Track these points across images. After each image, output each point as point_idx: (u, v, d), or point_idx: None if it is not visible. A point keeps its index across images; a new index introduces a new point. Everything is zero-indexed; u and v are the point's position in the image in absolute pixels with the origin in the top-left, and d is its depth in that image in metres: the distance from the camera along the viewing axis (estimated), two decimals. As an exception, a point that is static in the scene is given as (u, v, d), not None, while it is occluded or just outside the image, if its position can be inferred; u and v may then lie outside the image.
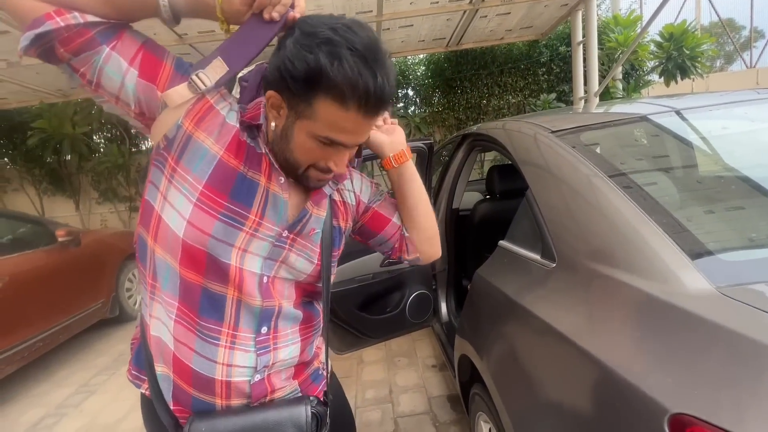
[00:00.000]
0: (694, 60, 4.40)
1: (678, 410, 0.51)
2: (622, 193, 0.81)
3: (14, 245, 2.91)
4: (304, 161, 0.65)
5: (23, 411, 2.52)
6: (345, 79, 0.55)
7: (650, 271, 0.67)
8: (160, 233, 0.65)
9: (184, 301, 0.67)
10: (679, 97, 1.53)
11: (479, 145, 1.92)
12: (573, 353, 0.71)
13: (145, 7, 0.61)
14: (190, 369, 0.67)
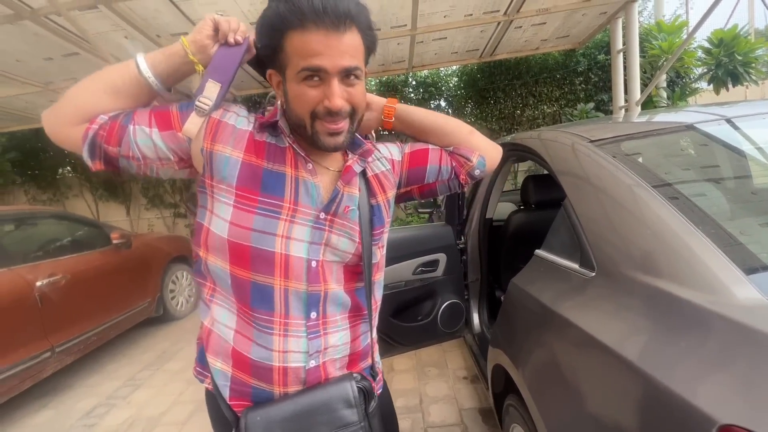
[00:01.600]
0: (747, 66, 4.15)
1: (727, 421, 0.50)
2: (668, 204, 0.80)
3: (75, 246, 3.18)
4: (304, 112, 0.68)
5: (78, 399, 2.72)
6: (291, 6, 0.62)
7: (699, 281, 0.66)
8: (209, 243, 0.73)
9: (239, 297, 0.73)
10: (727, 105, 1.47)
11: (514, 154, 1.91)
12: (615, 363, 0.70)
13: (142, 89, 0.72)
14: (249, 360, 0.73)
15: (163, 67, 0.71)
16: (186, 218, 6.60)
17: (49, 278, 2.69)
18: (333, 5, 0.61)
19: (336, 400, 0.72)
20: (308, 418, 0.70)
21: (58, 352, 2.69)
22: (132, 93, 0.71)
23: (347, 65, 0.65)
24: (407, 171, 0.87)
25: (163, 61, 0.72)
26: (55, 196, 6.61)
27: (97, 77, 0.71)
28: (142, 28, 3.47)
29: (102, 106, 0.70)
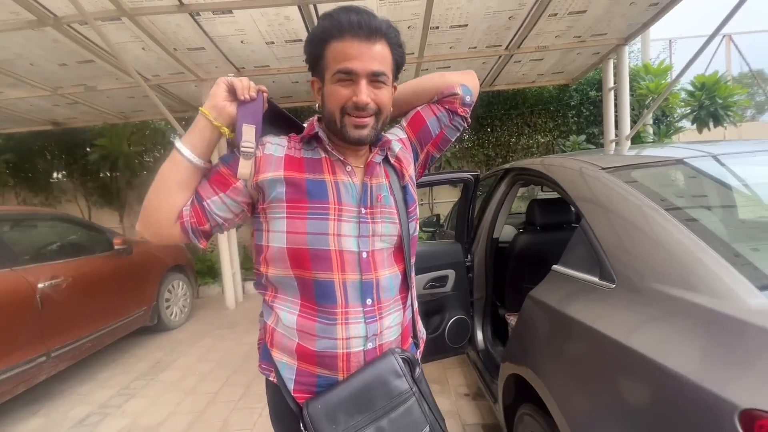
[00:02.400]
0: (727, 109, 4.48)
1: (748, 406, 0.59)
2: (677, 223, 0.92)
3: (78, 249, 3.16)
4: (334, 108, 0.79)
5: (70, 407, 2.64)
6: (334, 22, 0.76)
7: (709, 289, 0.76)
8: (269, 257, 0.82)
9: (303, 296, 0.82)
10: (712, 143, 1.63)
11: (522, 179, 2.03)
12: (640, 363, 0.79)
13: (195, 173, 0.81)
14: (314, 353, 0.80)
15: (199, 145, 0.79)
16: (181, 228, 6.54)
17: (51, 280, 2.67)
18: (367, 21, 0.75)
19: (386, 374, 0.79)
20: (365, 395, 0.77)
21: (54, 357, 2.64)
22: (191, 180, 0.81)
23: (375, 69, 0.76)
24: (416, 137, 0.97)
25: (198, 140, 0.79)
26: (47, 200, 6.50)
27: (162, 184, 0.80)
28: (161, 41, 3.58)
29: (179, 203, 0.80)
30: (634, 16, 3.86)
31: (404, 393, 0.79)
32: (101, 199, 6.49)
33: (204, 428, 2.29)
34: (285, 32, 3.63)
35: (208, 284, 5.60)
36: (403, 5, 3.33)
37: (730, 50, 6.75)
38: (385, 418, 0.77)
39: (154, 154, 6.36)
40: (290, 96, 5.49)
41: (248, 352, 3.38)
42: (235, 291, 4.93)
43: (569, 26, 3.94)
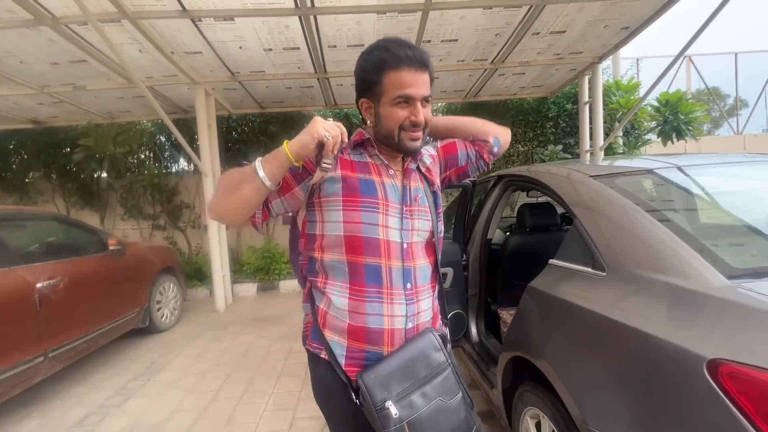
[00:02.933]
0: (688, 124, 4.92)
1: (712, 356, 0.78)
2: (655, 221, 1.12)
3: (73, 249, 3.14)
4: (393, 126, 0.94)
5: (66, 408, 2.63)
6: (392, 55, 0.91)
7: (682, 273, 0.96)
8: (324, 245, 0.96)
9: (354, 279, 0.95)
10: (677, 156, 1.88)
11: (514, 184, 2.24)
12: (628, 333, 0.98)
13: (266, 194, 0.91)
14: (365, 329, 0.93)
15: (278, 174, 0.89)
16: (165, 230, 6.45)
17: (49, 280, 2.66)
18: (419, 55, 0.92)
19: (427, 348, 0.95)
20: (411, 366, 0.91)
21: (51, 357, 2.62)
22: (265, 197, 0.93)
23: (426, 94, 0.94)
24: (444, 159, 1.16)
25: (278, 171, 0.89)
26: (22, 200, 6.27)
27: (240, 200, 0.90)
28: (158, 44, 3.62)
29: (253, 212, 0.94)
30: (608, 37, 4.21)
31: (442, 364, 0.94)
32: (81, 200, 6.32)
33: (210, 424, 2.35)
34: (284, 40, 3.75)
35: (196, 287, 5.56)
36: (399, 19, 3.53)
37: (690, 70, 7.35)
38: (427, 385, 0.91)
39: (139, 155, 6.26)
40: (282, 101, 5.58)
41: (245, 352, 3.43)
42: (225, 293, 4.93)
43: (550, 44, 4.25)
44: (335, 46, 3.94)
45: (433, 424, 0.89)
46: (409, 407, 0.88)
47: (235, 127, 6.28)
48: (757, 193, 1.50)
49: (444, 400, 0.91)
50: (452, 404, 0.92)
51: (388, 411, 0.85)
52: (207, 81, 4.58)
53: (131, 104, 5.24)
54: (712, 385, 0.77)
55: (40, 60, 3.78)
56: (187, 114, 5.65)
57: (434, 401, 0.90)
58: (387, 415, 0.85)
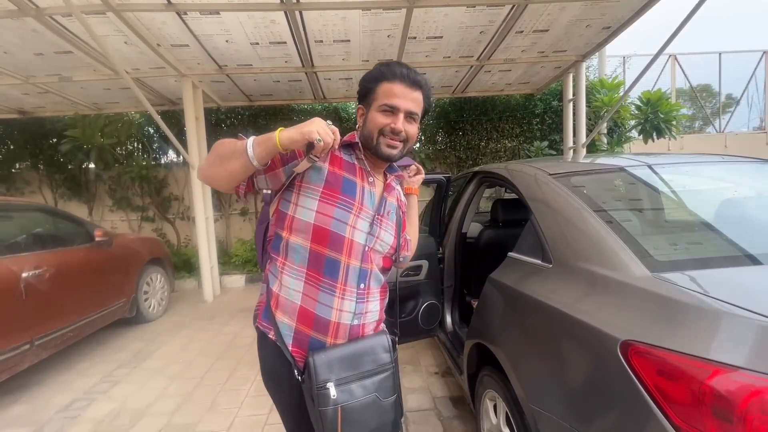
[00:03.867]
0: (668, 123, 5.04)
1: (625, 338, 0.88)
2: (597, 218, 1.21)
3: (59, 240, 3.18)
4: (374, 129, 1.03)
5: (52, 394, 2.70)
6: (389, 70, 1.03)
7: (613, 265, 1.06)
8: (294, 226, 1.02)
9: (312, 267, 1.02)
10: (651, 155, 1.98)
11: (488, 181, 2.33)
12: (562, 319, 1.07)
13: (252, 171, 0.97)
14: (313, 315, 1.01)
15: (265, 157, 0.94)
16: (154, 222, 6.47)
17: (34, 270, 2.71)
18: (414, 76, 1.04)
19: (377, 347, 1.04)
20: (358, 358, 1.00)
21: (37, 345, 2.68)
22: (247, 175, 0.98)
23: (410, 109, 1.03)
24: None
25: (266, 155, 0.94)
26: (9, 191, 6.24)
27: (229, 172, 0.96)
28: (144, 36, 3.63)
29: (238, 183, 1.01)
30: (590, 36, 4.29)
31: (386, 365, 1.03)
32: (69, 191, 6.31)
33: (193, 408, 2.44)
34: (270, 34, 3.77)
35: (184, 278, 5.62)
36: (384, 16, 3.57)
37: (675, 69, 7.47)
38: (368, 379, 1.00)
39: (128, 146, 6.25)
40: (270, 94, 5.60)
41: (230, 342, 3.51)
42: (213, 285, 5.00)
43: (534, 42, 4.32)
44: (321, 41, 3.97)
45: (364, 416, 0.97)
46: (347, 393, 0.96)
47: (224, 120, 6.29)
48: (703, 193, 1.60)
49: (379, 397, 1.00)
50: (385, 404, 1.01)
51: (327, 391, 0.94)
52: (194, 74, 4.59)
53: (118, 95, 5.23)
54: (623, 364, 0.87)
55: (24, 50, 3.77)
56: (176, 106, 5.65)
57: (371, 395, 0.98)
58: (326, 395, 0.94)
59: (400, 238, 1.16)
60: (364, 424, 0.98)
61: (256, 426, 2.20)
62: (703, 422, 0.73)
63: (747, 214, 1.43)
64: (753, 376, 0.71)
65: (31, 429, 2.31)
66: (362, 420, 0.97)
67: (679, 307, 0.86)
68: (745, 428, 0.69)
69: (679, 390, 0.77)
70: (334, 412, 0.94)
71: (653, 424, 0.79)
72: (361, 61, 4.53)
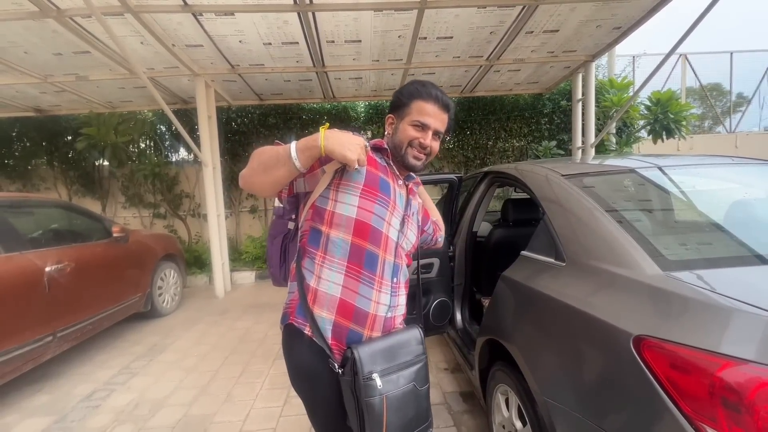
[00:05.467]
0: (678, 123, 5.02)
1: (638, 333, 0.92)
2: (609, 218, 1.25)
3: (79, 236, 3.27)
4: (405, 140, 1.13)
5: (74, 385, 2.79)
6: (425, 90, 1.13)
7: (626, 263, 1.10)
8: (334, 221, 1.07)
9: (353, 260, 1.06)
10: (660, 156, 2.01)
11: (499, 181, 2.37)
12: (576, 315, 1.12)
13: (296, 175, 1.04)
14: (354, 307, 1.06)
15: (309, 163, 1.01)
16: (165, 219, 6.58)
17: (57, 264, 2.80)
18: (446, 99, 1.15)
19: (411, 339, 1.09)
20: (397, 350, 1.05)
21: (59, 337, 2.78)
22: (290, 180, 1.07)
23: (439, 128, 1.15)
24: (421, 215, 1.33)
25: (309, 160, 1.00)
26: (25, 187, 6.38)
27: (274, 178, 1.03)
28: (160, 37, 3.71)
29: (282, 187, 1.09)
30: (600, 37, 4.30)
31: (420, 356, 1.09)
32: (83, 188, 6.43)
33: (210, 400, 2.51)
34: (283, 35, 3.83)
35: (196, 274, 5.72)
36: (396, 16, 3.62)
37: (685, 68, 7.42)
38: (407, 370, 1.05)
39: (140, 144, 6.36)
40: (281, 93, 5.67)
41: (242, 336, 3.59)
42: (224, 281, 5.09)
43: (543, 43, 4.34)
44: (333, 41, 4.02)
45: (404, 404, 1.02)
46: (391, 383, 1.01)
47: (235, 119, 6.37)
48: (712, 194, 1.63)
49: (417, 386, 1.05)
50: (422, 392, 1.06)
51: (374, 382, 0.98)
52: (207, 73, 4.67)
53: (132, 94, 5.33)
54: (635, 357, 0.91)
55: (44, 50, 3.87)
56: (188, 105, 5.73)
57: (410, 384, 1.04)
58: (372, 386, 0.98)
59: (420, 238, 1.23)
60: (406, 411, 1.03)
61: (271, 418, 2.27)
62: (713, 412, 0.78)
63: (755, 215, 1.46)
64: (761, 368, 0.75)
65: (54, 417, 2.40)
66: (404, 407, 1.03)
67: (690, 304, 0.90)
68: (752, 418, 0.73)
69: (690, 382, 0.81)
70: (380, 401, 0.98)
71: (665, 414, 0.84)
72: (371, 61, 4.58)
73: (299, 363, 1.12)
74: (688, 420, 0.80)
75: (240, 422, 2.25)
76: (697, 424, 0.79)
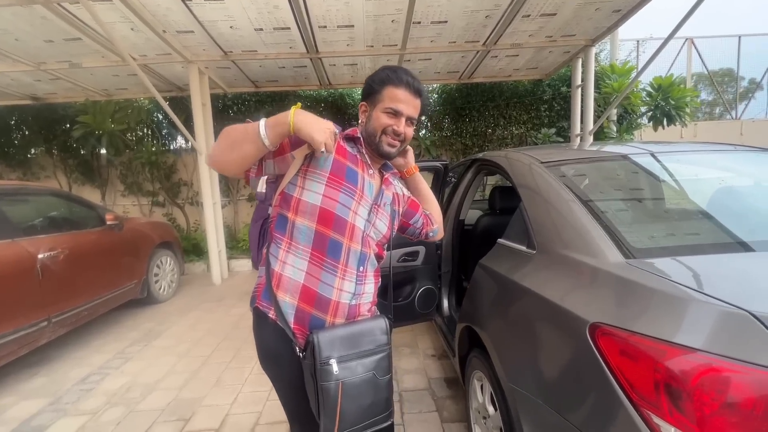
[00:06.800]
0: (679, 109, 4.92)
1: (593, 320, 0.92)
2: (580, 206, 1.24)
3: (73, 223, 3.31)
4: (378, 128, 1.11)
5: (69, 369, 2.86)
6: (396, 76, 1.11)
7: (590, 251, 1.09)
8: (300, 208, 1.07)
9: (317, 247, 1.07)
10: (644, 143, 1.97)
11: (485, 168, 2.34)
12: (539, 302, 1.12)
13: (264, 152, 1.02)
14: (316, 293, 1.06)
15: (278, 140, 1.01)
16: (164, 207, 6.63)
17: (49, 252, 2.84)
18: (417, 85, 1.13)
19: (376, 329, 1.09)
20: (358, 338, 1.06)
21: (54, 322, 2.83)
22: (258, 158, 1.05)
23: (411, 115, 1.14)
24: (407, 206, 1.32)
25: (278, 138, 1.00)
26: (25, 175, 6.44)
27: (242, 154, 1.00)
28: (150, 23, 3.67)
29: (249, 165, 1.06)
30: (600, 20, 4.19)
31: (383, 345, 1.09)
32: (82, 176, 6.48)
33: (200, 384, 2.57)
34: (273, 20, 3.77)
35: (193, 261, 5.78)
36: (387, 0, 3.54)
37: (691, 53, 7.23)
38: (367, 358, 1.06)
39: (137, 132, 6.36)
40: (276, 80, 5.61)
41: (237, 323, 3.64)
42: (221, 268, 5.14)
43: (541, 27, 4.24)
44: (325, 26, 3.96)
45: (361, 392, 1.03)
46: (348, 370, 1.02)
47: (231, 106, 6.34)
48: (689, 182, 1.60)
49: (377, 375, 1.06)
50: (381, 382, 1.07)
51: (330, 367, 1.00)
52: (200, 60, 4.63)
53: (127, 82, 5.31)
54: (590, 345, 0.91)
55: (34, 37, 3.85)
56: (183, 92, 5.71)
57: (369, 373, 1.05)
58: (329, 371, 1.00)
59: (393, 230, 1.22)
60: (362, 400, 1.04)
61: (258, 401, 2.32)
62: (657, 400, 0.78)
63: (736, 203, 1.43)
64: (706, 356, 0.74)
65: (49, 399, 2.46)
66: (360, 395, 1.04)
67: (644, 292, 0.89)
68: (693, 405, 0.73)
69: (638, 369, 0.81)
70: (335, 387, 1.00)
71: (615, 401, 0.84)
72: (365, 46, 4.51)
73: (266, 345, 1.15)
74: (635, 408, 0.81)
75: (228, 405, 2.30)
76: (642, 411, 0.79)
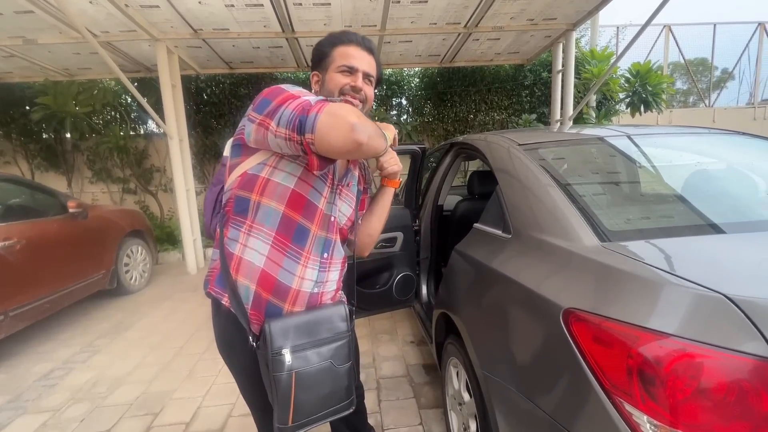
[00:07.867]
0: (655, 96, 4.97)
1: (567, 306, 0.88)
2: (555, 189, 1.20)
3: (31, 212, 3.10)
4: (335, 89, 1.04)
5: (32, 364, 2.72)
6: (344, 35, 1.08)
7: (565, 235, 1.05)
8: (268, 188, 0.97)
9: (281, 232, 0.99)
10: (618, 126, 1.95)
11: (464, 152, 2.29)
12: (513, 288, 1.08)
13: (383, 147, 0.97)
14: (275, 280, 0.99)
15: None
16: (136, 194, 6.35)
17: (4, 241, 2.66)
18: (367, 41, 1.09)
19: (334, 316, 1.03)
20: (315, 326, 1.00)
21: (11, 316, 2.68)
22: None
23: (368, 70, 1.07)
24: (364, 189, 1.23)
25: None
26: (-18, 161, 6.04)
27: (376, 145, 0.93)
28: (110, -4, 3.41)
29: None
30: (581, 3, 4.15)
31: (342, 333, 1.03)
32: (45, 162, 6.12)
33: (171, 376, 2.48)
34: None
35: (168, 251, 5.59)
36: (365, -23, 3.39)
37: (668, 40, 7.32)
38: (324, 347, 1.00)
39: (105, 115, 6.03)
40: (251, 62, 5.38)
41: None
42: (197, 257, 4.98)
43: (522, 9, 4.17)
44: (300, 3, 3.78)
45: (317, 382, 0.98)
46: (302, 359, 0.96)
47: (205, 89, 6.06)
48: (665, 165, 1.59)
49: (334, 364, 1.00)
50: (340, 370, 1.01)
51: (282, 357, 0.94)
52: (168, 38, 4.37)
53: (90, 61, 4.98)
54: (564, 331, 0.88)
55: (-19, 9, 3.53)
56: (152, 72, 5.41)
57: (326, 362, 0.99)
58: (281, 361, 0.94)
59: (357, 212, 1.15)
60: (318, 390, 0.99)
61: (231, 393, 2.25)
62: (630, 387, 0.75)
63: (712, 185, 1.43)
64: (679, 342, 0.72)
65: (8, 396, 2.33)
66: (316, 385, 0.98)
67: (619, 276, 0.86)
68: (666, 392, 0.70)
69: (610, 356, 0.78)
70: (288, 377, 0.94)
71: (586, 389, 0.81)
72: (343, 26, 4.34)
73: (221, 332, 1.09)
74: (607, 395, 0.78)
75: (200, 398, 2.23)
76: (614, 399, 0.77)
